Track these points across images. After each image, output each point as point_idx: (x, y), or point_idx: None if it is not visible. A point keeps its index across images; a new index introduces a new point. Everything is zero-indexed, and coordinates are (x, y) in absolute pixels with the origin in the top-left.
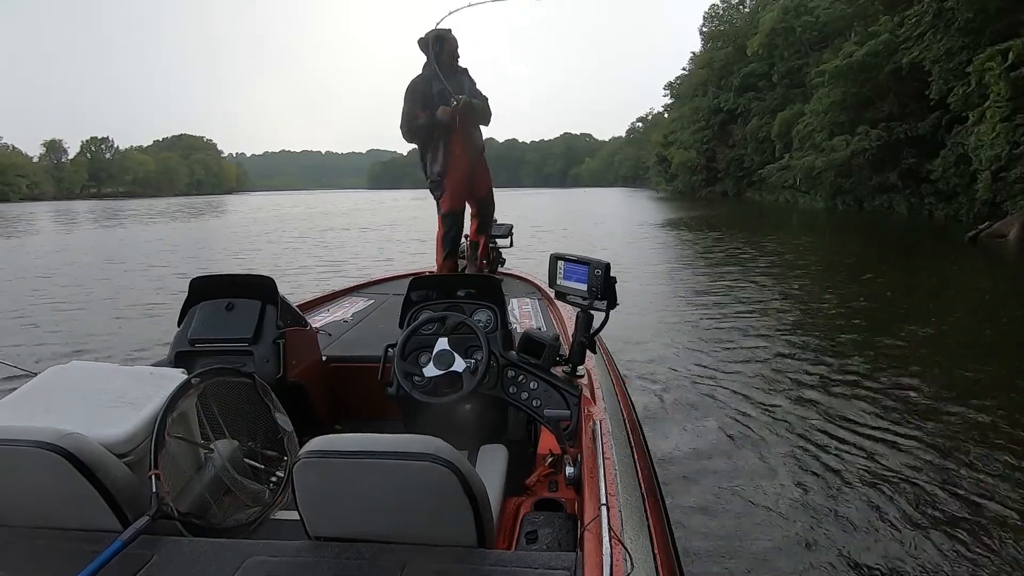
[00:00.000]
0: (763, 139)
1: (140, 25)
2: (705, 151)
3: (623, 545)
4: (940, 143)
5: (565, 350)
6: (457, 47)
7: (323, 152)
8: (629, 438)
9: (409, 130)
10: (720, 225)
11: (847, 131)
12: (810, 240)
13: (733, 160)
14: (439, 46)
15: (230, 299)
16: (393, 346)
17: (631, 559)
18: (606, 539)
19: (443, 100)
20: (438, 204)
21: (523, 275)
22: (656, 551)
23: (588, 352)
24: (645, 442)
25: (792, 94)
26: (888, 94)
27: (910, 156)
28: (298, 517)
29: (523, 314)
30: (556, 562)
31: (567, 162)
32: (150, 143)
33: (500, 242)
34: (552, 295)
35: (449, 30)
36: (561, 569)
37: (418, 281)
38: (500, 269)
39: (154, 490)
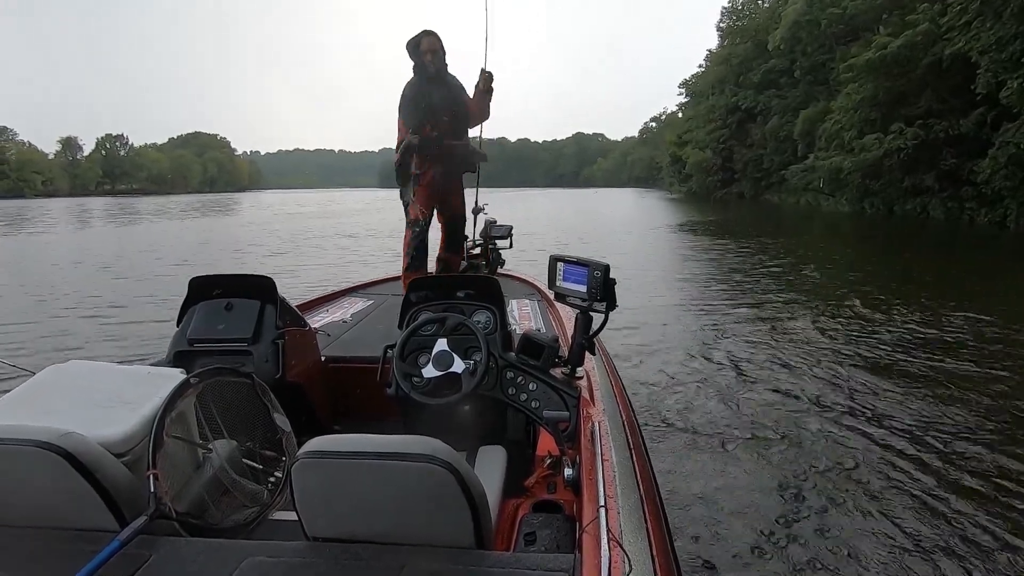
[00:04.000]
0: (784, 138)
1: (157, 24)
2: (721, 151)
3: (621, 547)
4: (986, 142)
5: (564, 351)
6: (434, 50)
7: (336, 151)
8: (628, 440)
9: (399, 147)
10: (745, 233)
11: (879, 129)
12: (848, 248)
13: (751, 160)
14: (415, 52)
15: (229, 299)
16: (392, 347)
17: (629, 561)
18: (604, 541)
19: (433, 114)
20: (406, 209)
21: (523, 276)
22: (655, 553)
23: (587, 354)
24: (644, 444)
25: (816, 91)
26: (925, 89)
27: (950, 156)
28: (296, 518)
29: (523, 315)
30: (554, 564)
31: (579, 162)
32: (165, 140)
33: (500, 243)
34: (552, 296)
35: (428, 32)
36: (559, 571)
37: (417, 282)
38: (500, 270)
39: (152, 490)
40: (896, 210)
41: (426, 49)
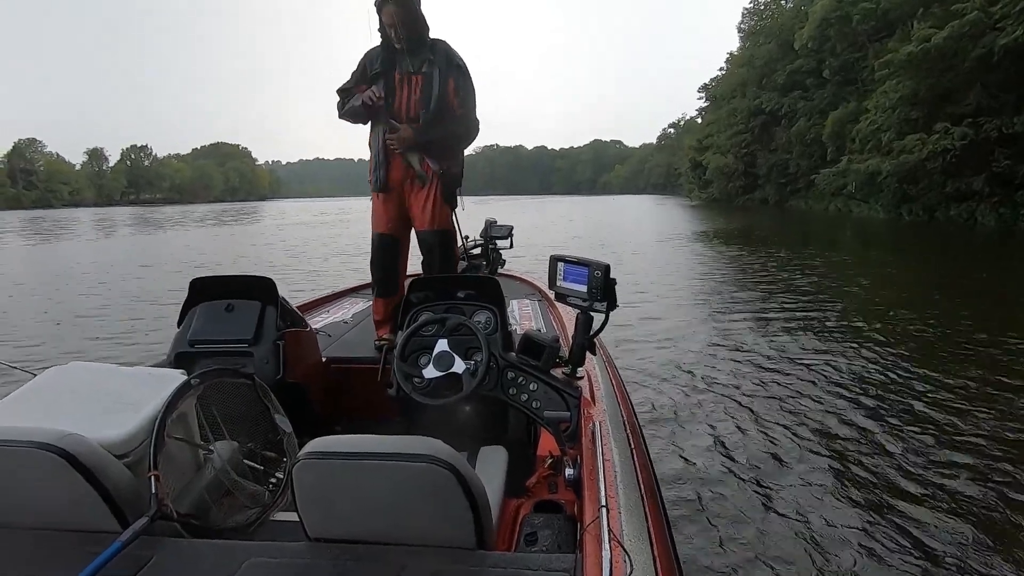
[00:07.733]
0: (811, 142)
1: (180, 37)
2: (744, 156)
3: (623, 547)
4: None
5: (565, 352)
6: (400, 23)
7: (355, 160)
8: (629, 440)
9: (342, 109)
10: (791, 242)
11: (921, 129)
12: (909, 266)
13: (776, 165)
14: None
15: (230, 300)
16: (393, 347)
17: (630, 561)
18: (606, 541)
19: (381, 82)
20: None
21: (523, 276)
22: (656, 553)
23: (588, 354)
24: (645, 444)
25: (845, 91)
26: (974, 84)
27: (1002, 157)
28: (297, 518)
29: (523, 315)
30: (556, 564)
31: (597, 169)
32: (188, 151)
33: (500, 243)
34: (552, 296)
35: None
36: (561, 571)
37: (418, 282)
38: (500, 270)
39: (153, 491)
40: (938, 216)
41: (388, 23)
